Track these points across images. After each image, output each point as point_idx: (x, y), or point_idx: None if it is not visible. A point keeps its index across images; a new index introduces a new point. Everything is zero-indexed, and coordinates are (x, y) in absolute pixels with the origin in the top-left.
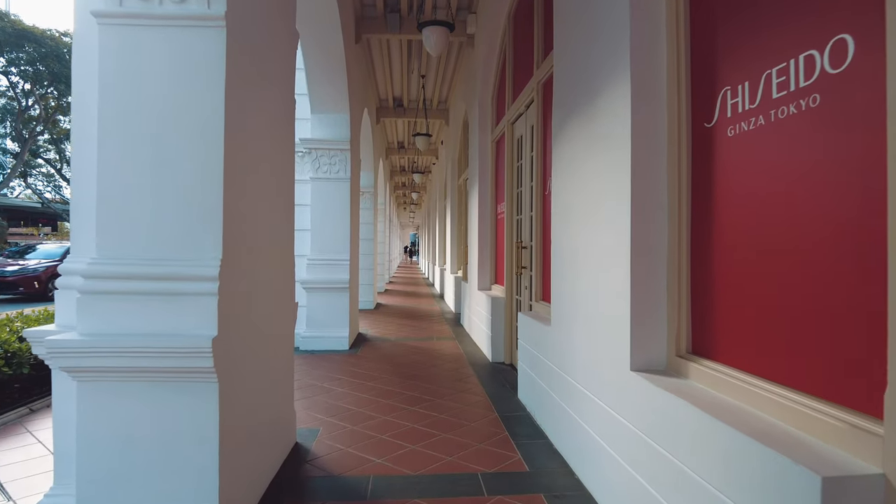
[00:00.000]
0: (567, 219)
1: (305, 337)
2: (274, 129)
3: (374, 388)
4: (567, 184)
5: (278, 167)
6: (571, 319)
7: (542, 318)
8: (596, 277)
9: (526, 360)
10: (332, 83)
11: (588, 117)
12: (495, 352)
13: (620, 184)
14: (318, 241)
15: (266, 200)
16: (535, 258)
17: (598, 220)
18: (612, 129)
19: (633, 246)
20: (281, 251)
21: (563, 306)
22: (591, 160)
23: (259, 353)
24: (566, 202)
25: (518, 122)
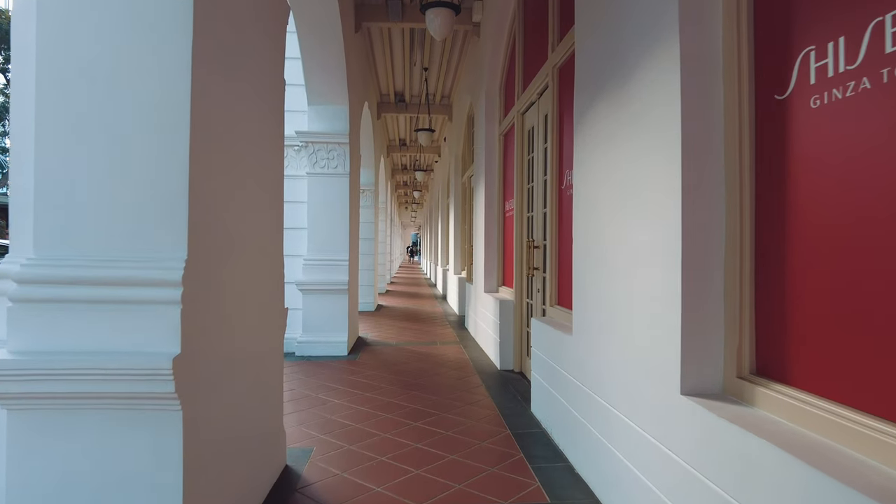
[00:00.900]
0: (593, 214)
1: (301, 342)
2: (257, 106)
3: (373, 399)
4: (593, 174)
5: (263, 151)
6: (599, 329)
7: (561, 326)
8: (632, 281)
9: (541, 370)
10: (329, 73)
11: (622, 97)
12: (504, 359)
13: (667, 171)
14: (315, 241)
15: (247, 190)
16: (550, 259)
17: (635, 214)
18: (654, 108)
19: (685, 243)
20: (267, 250)
21: (588, 314)
22: (625, 146)
23: (239, 368)
24: (592, 195)
25: (529, 112)
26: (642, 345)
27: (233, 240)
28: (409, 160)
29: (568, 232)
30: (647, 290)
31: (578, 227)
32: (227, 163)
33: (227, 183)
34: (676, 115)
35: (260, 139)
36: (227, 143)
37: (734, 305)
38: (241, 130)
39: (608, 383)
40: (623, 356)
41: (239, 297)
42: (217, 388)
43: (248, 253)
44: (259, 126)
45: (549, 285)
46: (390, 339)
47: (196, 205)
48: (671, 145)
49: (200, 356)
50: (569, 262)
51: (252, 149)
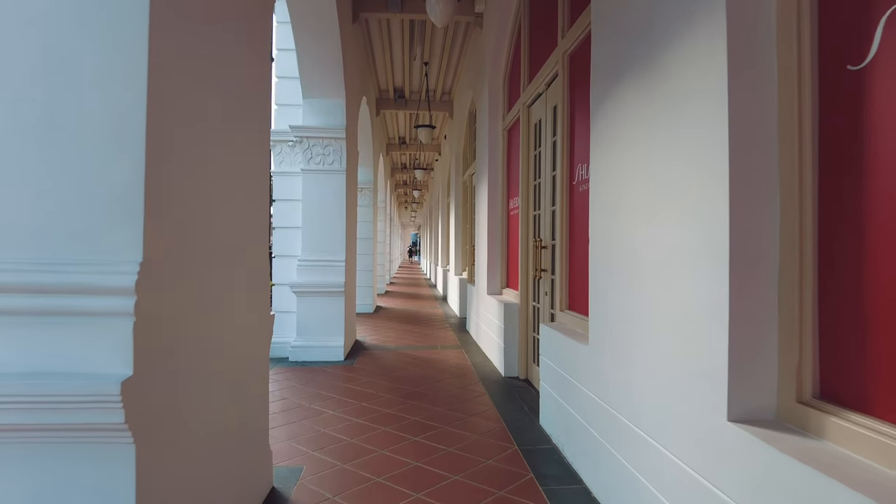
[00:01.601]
0: (615, 211)
1: (295, 347)
2: (235, 90)
3: (370, 410)
4: (615, 167)
5: (244, 141)
6: (624, 341)
7: (574, 334)
8: (666, 288)
9: (551, 380)
10: (325, 65)
11: (653, 76)
12: (508, 365)
13: (710, 161)
14: (310, 241)
15: (224, 184)
16: (560, 260)
17: (670, 211)
18: (693, 89)
19: (734, 245)
20: (249, 251)
21: (609, 323)
22: (657, 133)
23: (213, 387)
24: (613, 190)
25: (536, 104)
26: (678, 360)
27: (205, 239)
28: (409, 158)
29: (580, 231)
30: (685, 298)
31: (596, 227)
32: (196, 152)
33: (198, 174)
34: (722, 94)
35: (239, 127)
36: (196, 129)
37: (792, 317)
38: (214, 116)
39: (635, 402)
40: (654, 373)
41: (213, 305)
42: (183, 413)
43: (225, 254)
44: (238, 112)
45: (558, 288)
46: (389, 342)
47: (155, 199)
48: (715, 131)
49: (160, 377)
50: (581, 264)
51: (229, 138)
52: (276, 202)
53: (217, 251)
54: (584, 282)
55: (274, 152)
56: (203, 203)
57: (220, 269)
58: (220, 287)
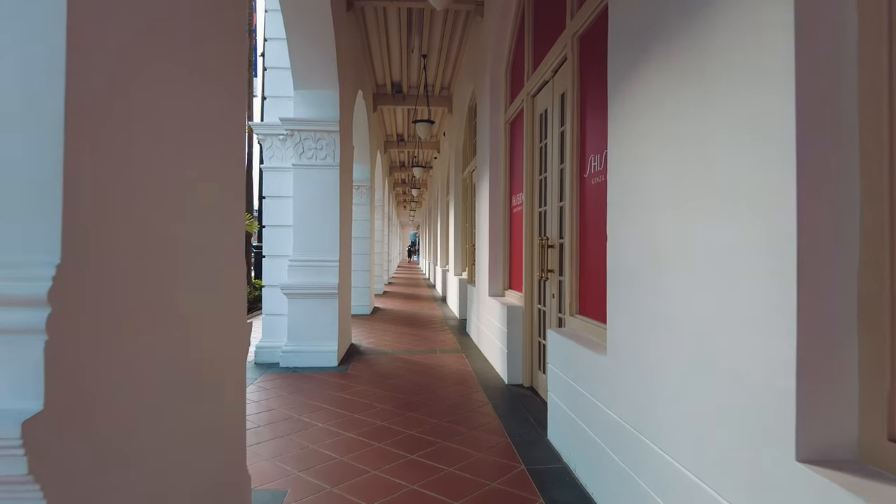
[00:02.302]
0: (641, 205)
1: (286, 352)
2: (197, 62)
3: (364, 422)
4: (640, 154)
5: (212, 125)
6: (650, 354)
7: (587, 342)
8: (711, 295)
9: (560, 392)
10: (317, 54)
11: (693, 41)
12: (512, 372)
13: (769, 144)
14: (302, 240)
15: (179, 167)
16: (570, 260)
17: (715, 204)
18: (744, 60)
19: (802, 246)
20: (219, 252)
21: (631, 332)
22: (699, 110)
23: (164, 415)
24: (637, 181)
25: (541, 93)
26: (726, 380)
27: (157, 239)
28: (407, 156)
29: (592, 228)
30: (737, 305)
31: (615, 223)
32: (138, 132)
33: (140, 159)
34: (788, 56)
35: (203, 106)
36: (137, 105)
37: (877, 334)
38: (166, 92)
39: (666, 427)
40: (694, 396)
41: (161, 316)
42: (119, 455)
43: (187, 256)
44: (201, 88)
45: (567, 291)
46: (386, 346)
47: (77, 188)
48: (778, 106)
49: (83, 410)
50: (593, 265)
51: (191, 119)
52: (266, 199)
53: (176, 254)
54: (597, 284)
55: (264, 147)
56: (145, 193)
57: (171, 272)
58: (173, 293)
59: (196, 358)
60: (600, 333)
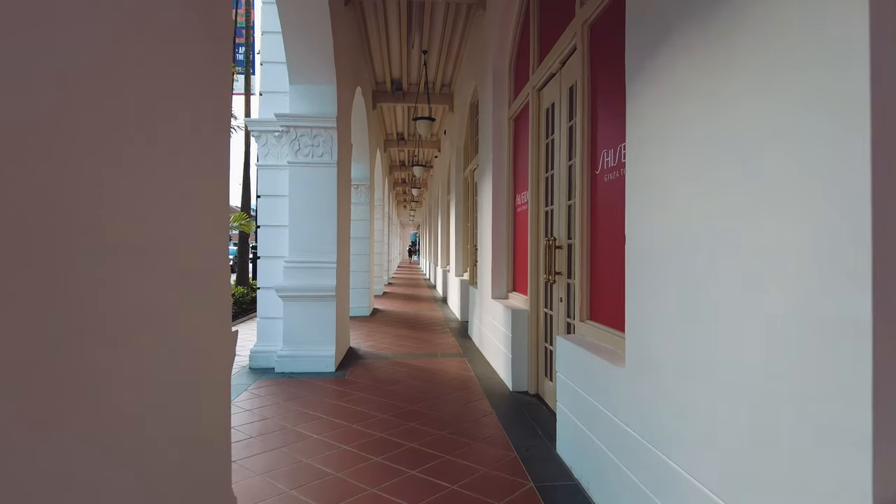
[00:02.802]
0: (666, 201)
1: (282, 356)
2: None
3: (362, 434)
4: (666, 144)
5: (184, 107)
6: (682, 371)
7: (601, 351)
8: (757, 305)
9: (570, 403)
10: (314, 47)
11: (726, 22)
12: (517, 379)
13: (833, 127)
14: (298, 240)
15: (146, 162)
16: (580, 262)
17: (760, 200)
18: (803, 30)
19: (878, 248)
20: (195, 254)
21: (656, 343)
22: (734, 96)
23: (126, 443)
24: (663, 176)
25: (548, 87)
26: (778, 408)
27: (109, 238)
28: (407, 155)
29: (605, 228)
30: (792, 318)
31: (636, 223)
32: (83, 112)
33: (90, 145)
34: (862, 19)
35: (173, 95)
36: (92, 81)
37: None
38: (118, 61)
39: (699, 452)
40: (734, 419)
41: (130, 328)
42: (71, 482)
43: (152, 258)
44: (163, 57)
45: (577, 295)
46: (385, 349)
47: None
48: (845, 80)
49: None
50: (607, 267)
51: (159, 98)
52: (261, 198)
53: (136, 256)
54: (611, 288)
55: (259, 144)
56: (109, 192)
57: (145, 280)
58: (137, 301)
59: (168, 375)
60: (616, 342)
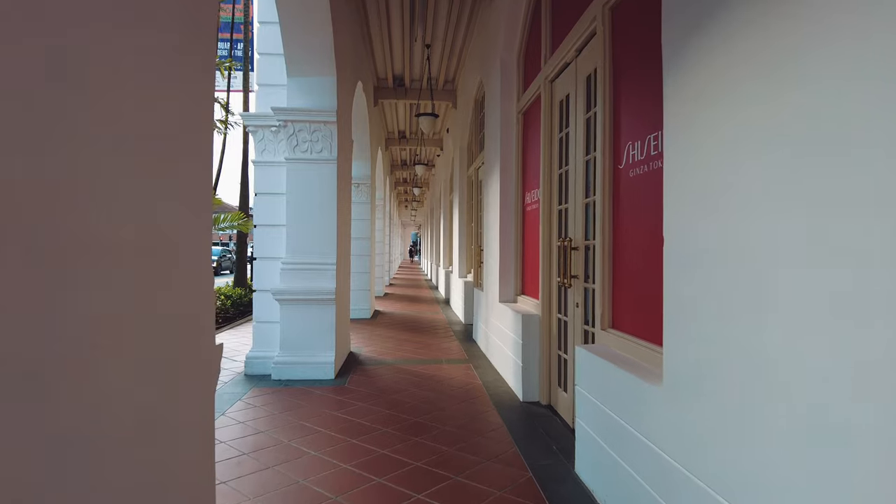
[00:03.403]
0: (719, 200)
1: (279, 363)
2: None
3: (363, 450)
4: (719, 132)
5: (164, 50)
6: (747, 396)
7: (633, 367)
8: (853, 321)
9: (592, 420)
10: (313, 38)
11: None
12: (528, 388)
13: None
14: (295, 240)
15: (101, 154)
16: (601, 265)
17: (863, 193)
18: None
19: None
20: (178, 254)
21: (709, 361)
22: (822, 65)
23: (89, 479)
24: (715, 168)
25: (561, 77)
26: (874, 452)
27: (76, 240)
28: (409, 154)
29: (632, 227)
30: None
31: (677, 219)
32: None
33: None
34: None
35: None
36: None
37: None
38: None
39: (764, 494)
40: (822, 465)
41: (98, 343)
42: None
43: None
44: (137, 44)
45: (598, 301)
46: (387, 355)
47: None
48: None
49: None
50: (633, 270)
51: (134, 86)
52: (257, 196)
53: (96, 255)
54: (638, 294)
55: (255, 139)
56: (52, 187)
57: (100, 283)
58: (102, 310)
59: (139, 398)
60: (647, 356)
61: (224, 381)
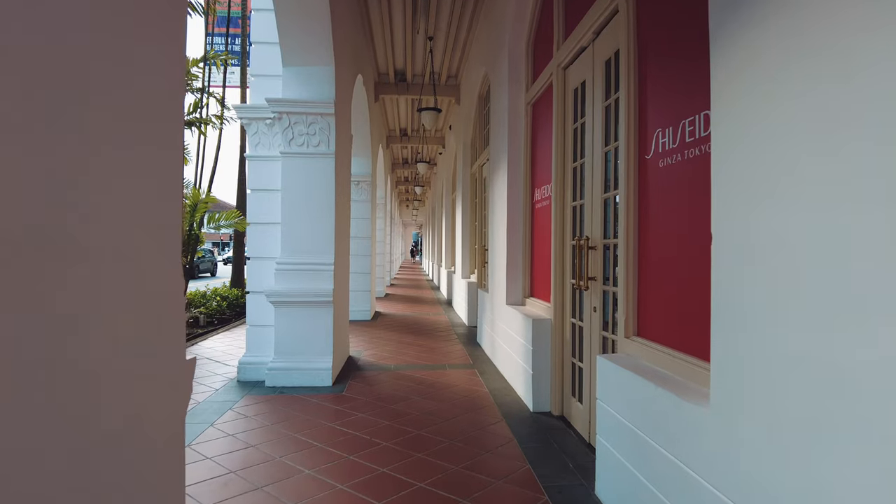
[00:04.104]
0: (797, 192)
1: (273, 369)
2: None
3: (361, 468)
4: (804, 110)
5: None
6: (842, 430)
7: (670, 383)
8: None
9: (617, 440)
10: (309, 24)
11: None
12: (538, 397)
13: None
14: (291, 239)
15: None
16: (624, 265)
17: None
18: None
19: None
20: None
21: (766, 381)
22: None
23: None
24: (789, 154)
25: (576, 63)
26: None
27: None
28: (411, 152)
29: (662, 223)
30: None
31: (727, 212)
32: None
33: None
34: None
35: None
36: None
37: None
38: None
39: None
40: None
41: (36, 364)
42: None
43: (62, 265)
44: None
45: (621, 306)
46: (387, 359)
47: None
48: None
49: None
50: (665, 272)
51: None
52: (250, 193)
53: (33, 256)
54: (672, 298)
55: (249, 133)
56: None
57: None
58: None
59: (92, 425)
60: (681, 368)
61: (216, 389)
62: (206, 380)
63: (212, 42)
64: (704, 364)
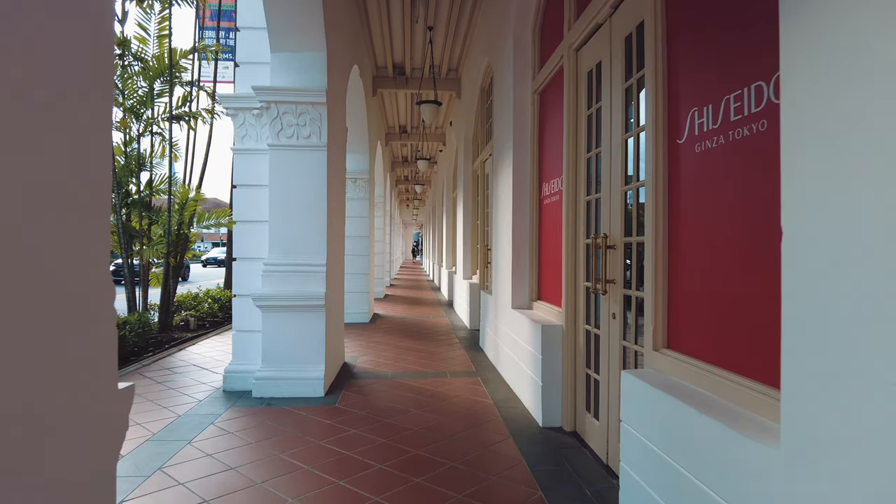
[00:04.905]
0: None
1: (261, 379)
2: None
3: (353, 496)
4: None
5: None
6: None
7: (720, 412)
8: None
9: (645, 469)
10: (300, 6)
11: None
12: (548, 412)
13: None
14: (280, 238)
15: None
16: (653, 267)
17: None
18: None
19: None
20: (57, 266)
21: (875, 422)
22: None
23: None
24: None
25: (591, 42)
26: None
27: None
28: (410, 150)
29: (700, 216)
30: None
31: (803, 203)
32: None
33: None
34: None
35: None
36: None
37: None
38: None
39: None
40: None
41: None
42: None
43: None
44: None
45: (648, 312)
46: (385, 367)
47: None
48: None
49: None
50: (703, 272)
51: None
52: (236, 188)
53: None
54: (714, 304)
55: (235, 124)
56: None
57: None
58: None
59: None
60: (728, 390)
61: (199, 400)
62: (190, 389)
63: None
64: (757, 386)
